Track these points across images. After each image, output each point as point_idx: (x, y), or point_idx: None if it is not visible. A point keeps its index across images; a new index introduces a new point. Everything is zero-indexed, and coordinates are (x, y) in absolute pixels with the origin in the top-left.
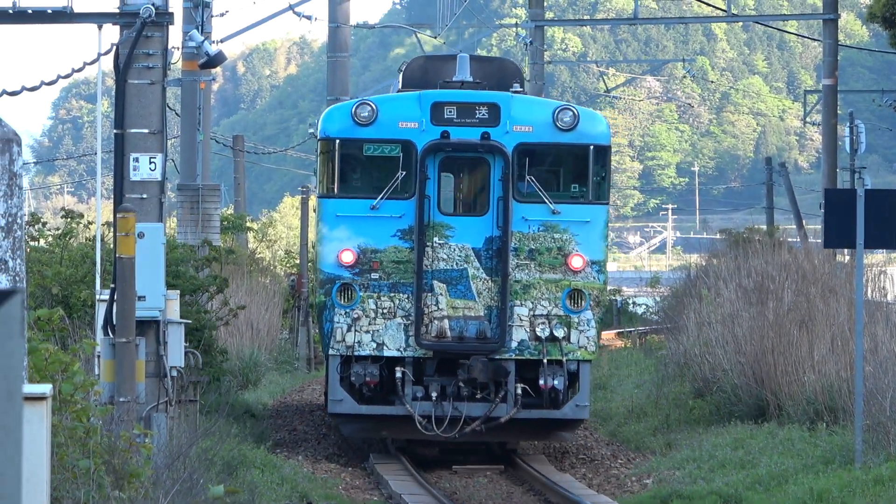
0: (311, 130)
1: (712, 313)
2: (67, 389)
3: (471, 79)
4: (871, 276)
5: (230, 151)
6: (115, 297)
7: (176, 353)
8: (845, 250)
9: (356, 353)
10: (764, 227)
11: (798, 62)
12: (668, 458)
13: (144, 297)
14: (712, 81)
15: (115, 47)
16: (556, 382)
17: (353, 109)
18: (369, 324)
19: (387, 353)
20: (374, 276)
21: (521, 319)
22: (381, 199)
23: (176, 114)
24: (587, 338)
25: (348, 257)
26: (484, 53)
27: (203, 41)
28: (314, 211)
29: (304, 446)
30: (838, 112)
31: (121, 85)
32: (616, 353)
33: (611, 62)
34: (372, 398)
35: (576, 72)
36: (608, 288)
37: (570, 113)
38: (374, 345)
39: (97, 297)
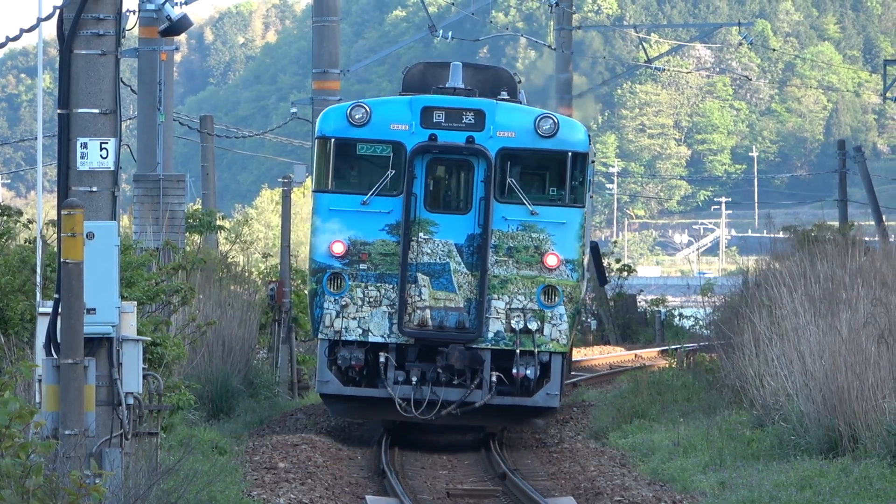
0: (294, 110)
1: (774, 327)
2: (2, 421)
3: (462, 86)
4: None
5: (197, 135)
6: (60, 309)
7: (132, 376)
8: None
9: (343, 339)
10: (836, 223)
11: (877, 26)
12: (722, 500)
13: (94, 309)
14: (774, 50)
15: (58, 11)
16: (528, 372)
17: (349, 111)
18: (356, 311)
19: (372, 339)
20: (363, 266)
21: (497, 312)
22: (372, 195)
23: (132, 90)
24: (559, 331)
25: (339, 248)
26: (501, 17)
27: (164, 3)
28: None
29: (285, 488)
30: None
31: (65, 56)
32: (659, 374)
33: (652, 27)
34: (357, 381)
35: (610, 38)
36: (584, 286)
37: (551, 121)
38: (361, 331)
39: (38, 309)
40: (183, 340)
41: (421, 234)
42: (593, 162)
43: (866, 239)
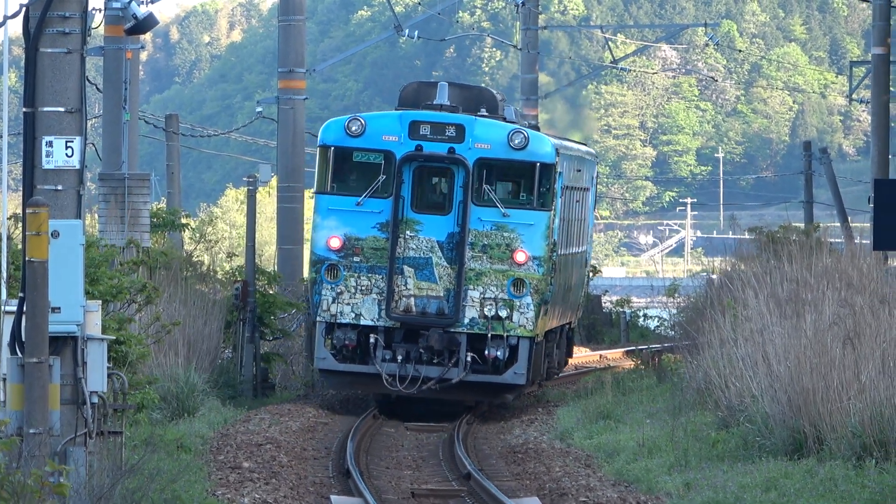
0: (260, 109)
1: (739, 328)
2: None
3: (448, 103)
4: None
5: (162, 134)
6: (25, 308)
7: (97, 375)
8: None
9: (338, 321)
10: (801, 224)
11: (843, 27)
12: (687, 501)
13: (59, 308)
14: (740, 51)
15: (24, 9)
16: (498, 353)
17: (347, 123)
18: (350, 298)
19: (363, 322)
20: (356, 259)
21: (473, 301)
22: (365, 197)
23: (97, 89)
24: (526, 318)
25: (336, 243)
26: (467, 17)
27: (130, 2)
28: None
29: (250, 487)
30: (891, 87)
31: (31, 54)
32: (624, 375)
33: (618, 27)
34: (350, 358)
35: (576, 39)
36: (550, 279)
37: (521, 135)
38: (353, 315)
39: (2, 308)
40: (147, 339)
41: (407, 232)
42: (596, 183)
43: (832, 240)
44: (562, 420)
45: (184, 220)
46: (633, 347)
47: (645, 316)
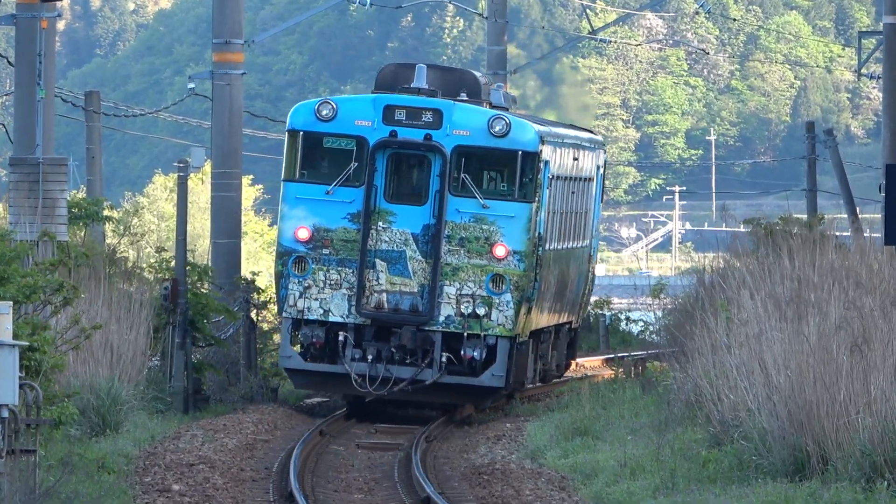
0: (192, 86)
1: (733, 333)
2: None
3: (426, 86)
4: None
5: (81, 113)
6: None
7: (7, 386)
8: None
9: (305, 318)
10: (804, 216)
11: None
12: None
13: None
14: (735, 20)
15: None
16: (475, 354)
17: (317, 107)
18: (318, 292)
19: (332, 318)
20: (325, 251)
21: (449, 297)
22: (336, 185)
23: (9, 62)
24: (506, 317)
25: (304, 234)
26: None
27: None
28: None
29: None
30: None
31: None
32: (604, 385)
33: None
34: (318, 357)
35: (550, 6)
36: (535, 275)
37: (503, 122)
38: (322, 311)
39: None
40: (65, 346)
41: (380, 223)
42: (603, 172)
43: (838, 234)
44: (533, 437)
45: (106, 212)
46: (614, 355)
47: (627, 319)
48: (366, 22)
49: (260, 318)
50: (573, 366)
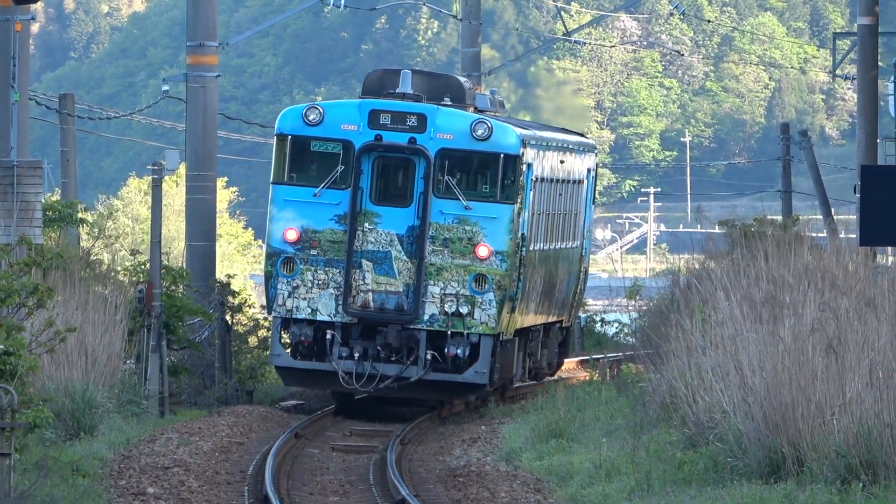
0: (166, 88)
1: (708, 335)
2: None
3: (411, 91)
4: None
5: (55, 116)
6: None
7: None
8: (888, 249)
9: (294, 317)
10: (779, 217)
11: None
12: None
13: None
14: (709, 21)
15: None
16: (458, 351)
17: (304, 112)
18: (306, 292)
19: (319, 317)
20: (313, 252)
21: (433, 296)
22: (323, 188)
23: None
24: (488, 315)
25: (292, 235)
26: None
27: None
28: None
29: None
30: (879, 62)
31: None
32: (578, 388)
33: None
34: (306, 355)
35: (524, 8)
36: (518, 274)
37: (485, 126)
38: (310, 310)
39: None
40: (39, 349)
41: (366, 225)
42: (595, 175)
43: (813, 235)
44: (508, 439)
45: (81, 214)
46: (589, 357)
47: (602, 321)
48: (340, 24)
49: (235, 321)
50: (565, 364)
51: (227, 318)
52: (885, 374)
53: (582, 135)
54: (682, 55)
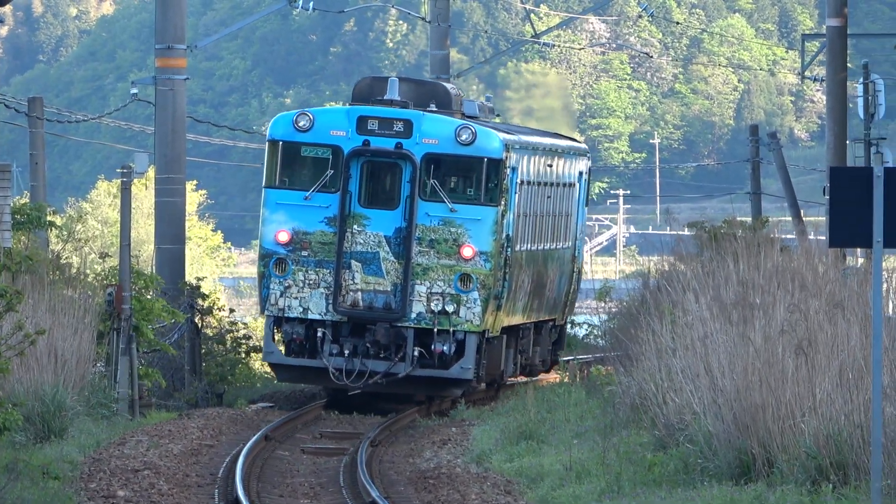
0: (135, 91)
1: (678, 336)
2: None
3: (399, 98)
4: (892, 285)
5: (24, 119)
6: None
7: None
8: (858, 250)
9: (286, 315)
10: (748, 219)
11: None
12: None
13: None
14: (678, 23)
15: None
16: (445, 348)
17: (295, 118)
18: (298, 292)
19: (311, 316)
20: (304, 253)
21: (420, 295)
22: (313, 191)
23: None
24: (473, 313)
25: (284, 237)
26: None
27: None
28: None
29: None
30: (848, 64)
31: None
32: (548, 389)
33: None
34: (298, 352)
35: (493, 10)
36: (503, 274)
37: (469, 131)
38: (301, 309)
39: None
40: (9, 352)
41: (355, 227)
42: (587, 179)
43: (783, 237)
44: (478, 441)
45: (50, 217)
46: (559, 359)
47: (572, 323)
48: (308, 27)
49: (204, 324)
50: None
51: (197, 320)
52: (855, 376)
53: (574, 140)
54: (651, 57)
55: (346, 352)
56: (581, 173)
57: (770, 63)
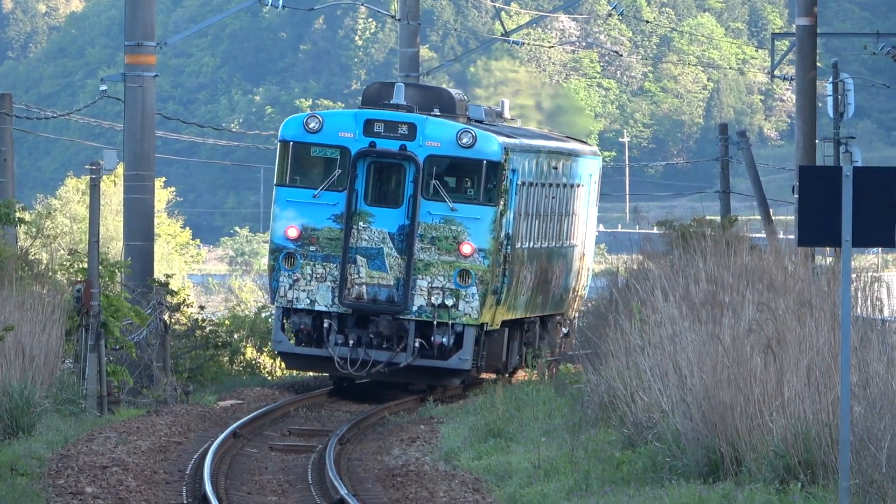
0: (104, 88)
1: (647, 335)
2: None
3: (405, 102)
4: (861, 285)
5: None
6: None
7: None
8: (827, 249)
9: (294, 307)
10: (717, 217)
11: None
12: None
13: None
14: (648, 22)
15: None
16: (444, 340)
17: (305, 120)
18: (306, 285)
19: (318, 307)
20: (312, 248)
21: (421, 290)
22: (321, 190)
23: None
24: (472, 307)
25: (293, 233)
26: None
27: None
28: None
29: None
30: (818, 63)
31: None
32: (517, 388)
33: None
34: (306, 342)
35: (463, 8)
36: (503, 270)
37: (469, 135)
38: (308, 301)
39: None
40: None
41: (360, 224)
42: (598, 179)
43: (752, 236)
44: (446, 439)
45: (19, 214)
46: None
47: None
48: (278, 24)
49: (174, 321)
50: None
51: (166, 317)
52: (824, 375)
53: (585, 142)
54: (621, 56)
55: (351, 342)
56: (590, 175)
57: (740, 62)
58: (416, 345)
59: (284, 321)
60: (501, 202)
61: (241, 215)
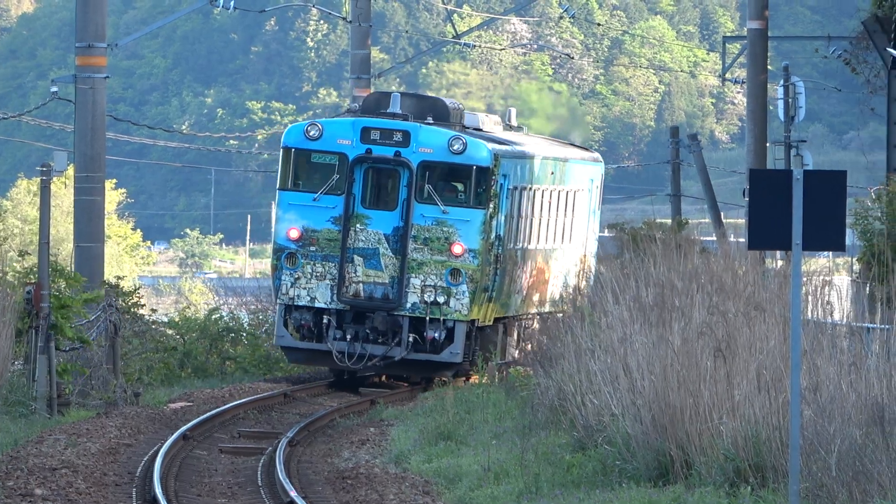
0: (55, 89)
1: (598, 338)
2: None
3: (400, 111)
4: (811, 288)
5: None
6: None
7: None
8: (777, 253)
9: (295, 304)
10: (668, 220)
11: None
12: None
13: None
14: (599, 24)
15: None
16: (436, 335)
17: (306, 128)
18: (306, 283)
19: (317, 304)
20: (312, 249)
21: (414, 287)
22: (321, 193)
23: None
24: (462, 304)
25: (295, 234)
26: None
27: None
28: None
29: None
30: (769, 66)
31: None
32: (467, 390)
33: None
34: (306, 336)
35: (414, 10)
36: (493, 269)
37: (461, 141)
38: (309, 298)
39: None
40: None
41: (357, 226)
42: (599, 184)
43: (703, 239)
44: (397, 441)
45: None
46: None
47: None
48: (229, 25)
49: (123, 323)
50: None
51: (115, 319)
52: (774, 378)
53: (587, 149)
54: (573, 58)
55: (349, 337)
56: (591, 179)
57: (691, 65)
58: (410, 339)
59: (287, 317)
60: (491, 205)
61: (191, 217)
